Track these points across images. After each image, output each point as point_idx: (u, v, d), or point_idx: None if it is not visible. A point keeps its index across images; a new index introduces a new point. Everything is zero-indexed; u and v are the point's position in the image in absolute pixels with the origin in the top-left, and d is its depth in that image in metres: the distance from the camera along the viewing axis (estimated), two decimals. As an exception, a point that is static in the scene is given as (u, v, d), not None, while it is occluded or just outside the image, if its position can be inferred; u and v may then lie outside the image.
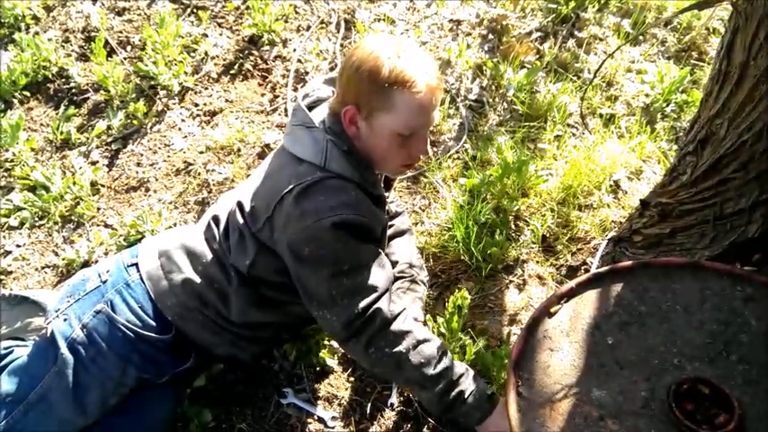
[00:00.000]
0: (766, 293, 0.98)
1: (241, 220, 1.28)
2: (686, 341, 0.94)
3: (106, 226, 1.94)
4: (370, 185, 1.24)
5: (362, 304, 1.17)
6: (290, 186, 1.16)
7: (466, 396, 1.20)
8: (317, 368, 1.59)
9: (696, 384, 0.88)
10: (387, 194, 1.44)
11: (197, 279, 1.32)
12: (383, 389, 1.53)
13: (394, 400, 1.51)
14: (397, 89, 1.10)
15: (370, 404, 1.51)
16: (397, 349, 1.18)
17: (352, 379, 1.57)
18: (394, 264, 1.58)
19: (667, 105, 2.15)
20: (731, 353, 0.92)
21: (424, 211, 1.93)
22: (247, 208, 1.27)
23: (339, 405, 1.54)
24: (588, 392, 0.89)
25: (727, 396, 0.86)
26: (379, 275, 1.21)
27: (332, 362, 1.58)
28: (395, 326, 1.19)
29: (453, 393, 1.19)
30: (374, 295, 1.19)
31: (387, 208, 1.50)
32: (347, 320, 1.17)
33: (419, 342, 1.20)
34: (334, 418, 1.51)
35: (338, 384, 1.57)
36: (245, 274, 1.30)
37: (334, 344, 1.57)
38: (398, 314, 1.21)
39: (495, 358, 1.47)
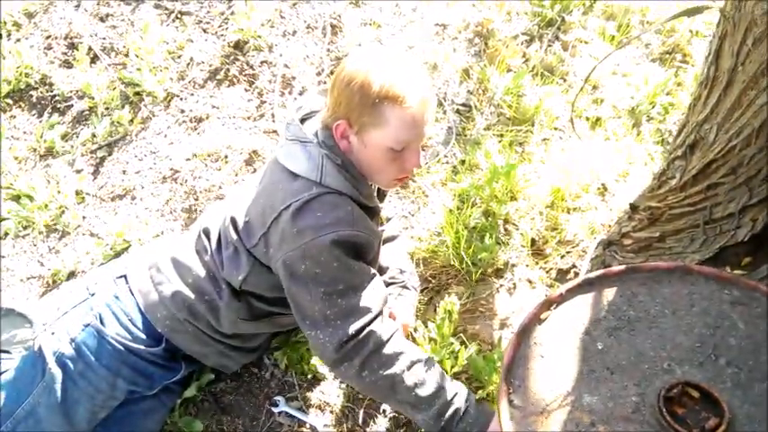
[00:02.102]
0: (753, 297, 1.00)
1: (235, 236, 1.27)
2: (675, 345, 0.95)
3: (92, 235, 1.91)
4: (366, 198, 1.24)
5: (356, 326, 1.16)
6: (287, 203, 1.16)
7: (462, 414, 1.19)
8: (309, 375, 1.58)
9: (686, 388, 0.88)
10: (380, 205, 1.44)
11: (187, 291, 1.31)
12: (375, 396, 1.53)
13: (387, 406, 1.50)
14: (388, 104, 1.09)
15: (362, 411, 1.51)
16: (390, 371, 1.17)
17: (343, 386, 1.56)
18: (384, 269, 1.58)
19: (653, 108, 2.17)
20: (720, 356, 0.93)
21: (413, 215, 1.93)
22: (241, 223, 1.26)
23: (331, 412, 1.53)
24: (579, 398, 0.90)
25: (716, 399, 0.86)
26: (373, 297, 1.20)
27: (323, 369, 1.57)
28: (388, 347, 1.18)
29: (449, 413, 1.18)
30: (368, 317, 1.18)
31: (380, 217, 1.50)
32: (339, 342, 1.15)
33: (413, 363, 1.19)
34: (326, 425, 1.50)
35: (330, 391, 1.56)
36: (238, 288, 1.28)
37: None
38: (392, 335, 1.20)
39: (486, 362, 1.47)
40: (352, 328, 1.16)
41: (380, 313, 1.21)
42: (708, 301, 1.00)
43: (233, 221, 1.28)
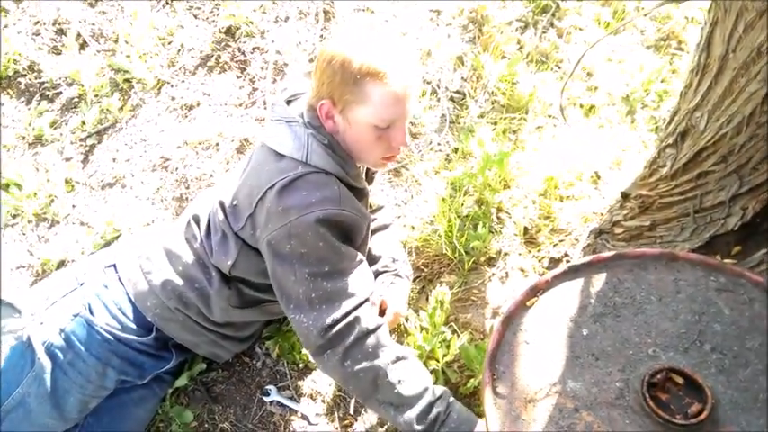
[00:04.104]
0: (739, 283, 0.99)
1: (223, 220, 1.26)
2: (660, 331, 0.95)
3: (82, 224, 1.90)
4: (353, 179, 1.23)
5: (341, 311, 1.13)
6: (272, 182, 1.14)
7: (445, 418, 1.13)
8: (300, 365, 1.58)
9: (670, 374, 0.88)
10: (369, 188, 1.42)
11: (177, 279, 1.30)
12: (366, 383, 1.53)
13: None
14: (370, 81, 1.08)
15: (353, 400, 1.51)
16: (374, 363, 1.12)
17: (334, 374, 1.56)
18: (377, 258, 1.57)
19: (647, 95, 2.16)
20: (705, 342, 0.93)
21: (406, 204, 1.92)
22: (229, 207, 1.25)
23: (323, 401, 1.53)
24: (563, 384, 0.90)
25: (700, 385, 0.86)
26: (360, 282, 1.18)
27: (314, 357, 1.57)
28: (373, 338, 1.14)
29: (431, 415, 1.12)
30: (353, 302, 1.15)
31: (369, 202, 1.49)
32: (323, 327, 1.12)
33: (398, 358, 1.15)
34: (317, 414, 1.50)
35: (321, 380, 1.56)
36: (227, 274, 1.28)
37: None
38: (378, 326, 1.16)
39: (478, 351, 1.47)
40: (337, 313, 1.13)
41: (366, 300, 1.19)
42: (694, 287, 1.00)
43: (221, 205, 1.27)
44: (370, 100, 1.10)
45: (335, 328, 1.13)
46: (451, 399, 1.18)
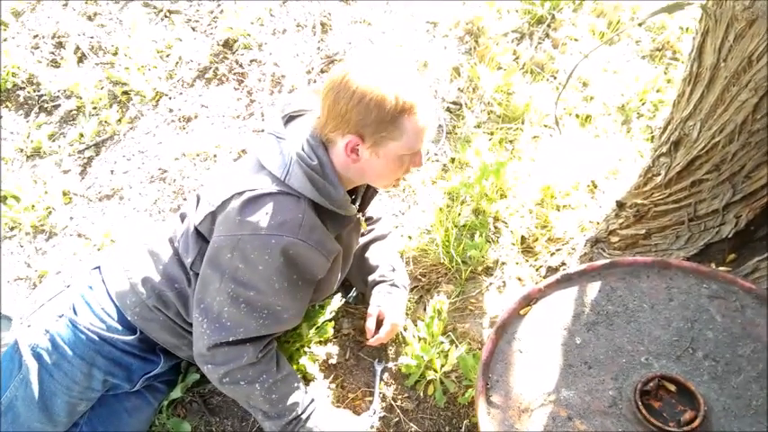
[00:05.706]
0: (731, 290, 0.99)
1: (193, 215, 1.28)
2: (653, 339, 0.95)
3: (79, 236, 1.91)
4: (338, 206, 1.22)
5: (238, 336, 1.19)
6: (243, 189, 1.16)
7: (304, 418, 1.28)
8: (299, 375, 1.57)
9: (662, 382, 0.88)
10: (363, 213, 1.43)
11: (157, 278, 1.31)
12: (364, 395, 1.52)
13: (376, 406, 1.50)
14: (407, 117, 1.11)
15: (351, 411, 1.50)
16: (250, 387, 1.22)
17: (333, 386, 1.56)
18: (374, 267, 1.57)
19: (643, 105, 2.17)
20: (697, 349, 0.93)
21: (403, 214, 1.92)
22: (203, 203, 1.27)
23: (319, 411, 1.52)
24: (557, 393, 0.90)
25: (693, 392, 0.86)
26: (272, 324, 1.22)
27: (313, 368, 1.56)
28: (256, 368, 1.22)
29: (293, 421, 1.28)
30: (254, 334, 1.20)
31: (365, 216, 1.49)
32: (216, 343, 1.19)
33: (276, 381, 1.25)
34: (313, 424, 1.49)
35: (318, 391, 1.55)
36: (189, 271, 1.29)
37: (315, 350, 1.56)
38: (264, 355, 1.24)
39: (476, 361, 1.46)
40: (234, 337, 1.18)
41: (271, 338, 1.27)
42: (686, 294, 1.00)
43: (197, 200, 1.30)
44: (406, 133, 1.13)
45: (224, 349, 1.19)
46: (315, 407, 1.30)
